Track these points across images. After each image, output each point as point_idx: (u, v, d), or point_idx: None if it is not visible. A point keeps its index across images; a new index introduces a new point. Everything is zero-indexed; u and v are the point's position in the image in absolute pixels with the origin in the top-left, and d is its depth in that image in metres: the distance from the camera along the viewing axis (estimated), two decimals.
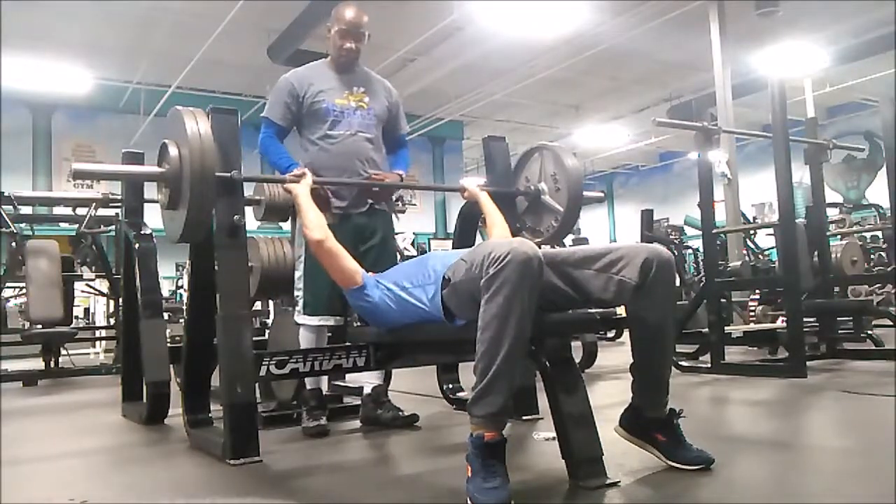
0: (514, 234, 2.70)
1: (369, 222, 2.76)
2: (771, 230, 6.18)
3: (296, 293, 2.75)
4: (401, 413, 2.76)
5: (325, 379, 2.72)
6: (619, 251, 1.84)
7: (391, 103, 2.90)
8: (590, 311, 1.96)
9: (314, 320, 2.66)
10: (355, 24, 2.73)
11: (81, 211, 5.58)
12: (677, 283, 6.38)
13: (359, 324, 2.56)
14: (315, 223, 2.31)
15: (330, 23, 2.77)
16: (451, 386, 3.19)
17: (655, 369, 1.92)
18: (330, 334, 2.74)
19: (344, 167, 2.69)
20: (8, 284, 5.88)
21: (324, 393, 2.84)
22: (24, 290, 5.53)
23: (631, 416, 1.95)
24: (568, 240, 5.61)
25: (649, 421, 1.91)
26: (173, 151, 2.23)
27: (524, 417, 2.64)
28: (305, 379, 2.69)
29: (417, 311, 1.99)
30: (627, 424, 1.95)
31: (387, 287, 2.11)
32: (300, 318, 2.71)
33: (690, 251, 8.10)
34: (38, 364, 5.57)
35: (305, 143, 2.78)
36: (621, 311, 2.00)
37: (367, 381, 2.85)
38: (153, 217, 2.86)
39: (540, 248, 2.74)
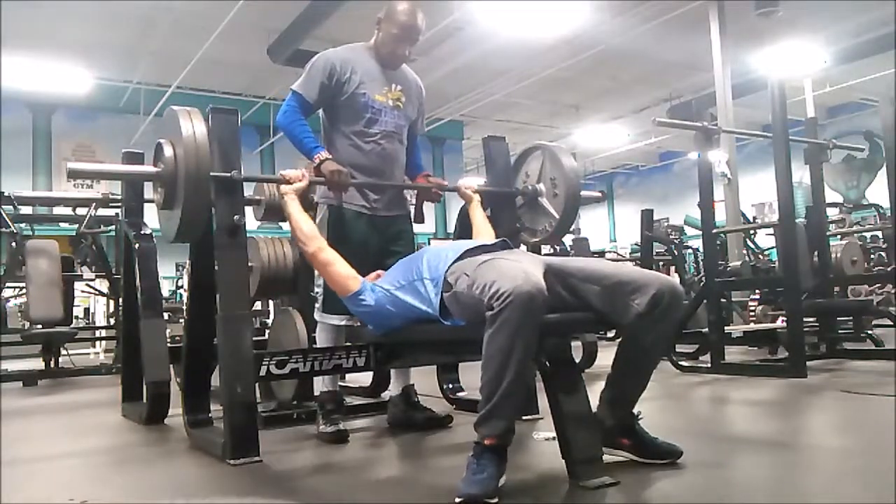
0: (512, 234, 2.71)
1: (394, 226, 2.71)
2: (771, 230, 6.18)
3: (315, 289, 2.64)
4: (434, 414, 2.70)
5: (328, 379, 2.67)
6: (632, 275, 1.85)
7: (421, 104, 2.84)
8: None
9: (335, 319, 2.56)
10: (414, 29, 2.62)
11: (81, 211, 5.59)
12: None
13: (358, 324, 2.55)
14: (307, 235, 2.28)
15: (382, 15, 2.61)
16: (451, 386, 3.19)
17: (631, 389, 1.96)
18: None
19: (378, 168, 2.62)
20: (8, 284, 5.87)
21: (342, 396, 2.76)
22: (24, 290, 5.52)
23: None
24: (568, 239, 5.62)
25: (610, 430, 1.93)
26: (168, 151, 2.22)
27: (524, 417, 2.63)
28: (320, 380, 2.63)
29: (414, 310, 1.99)
30: None
31: (383, 287, 2.11)
32: (319, 315, 2.61)
33: (690, 251, 8.09)
34: (38, 364, 5.56)
35: (335, 135, 2.62)
36: None
37: (395, 380, 2.79)
38: (153, 217, 2.86)
39: (541, 251, 2.74)
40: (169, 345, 3.12)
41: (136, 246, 3.19)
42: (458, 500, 1.60)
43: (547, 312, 1.74)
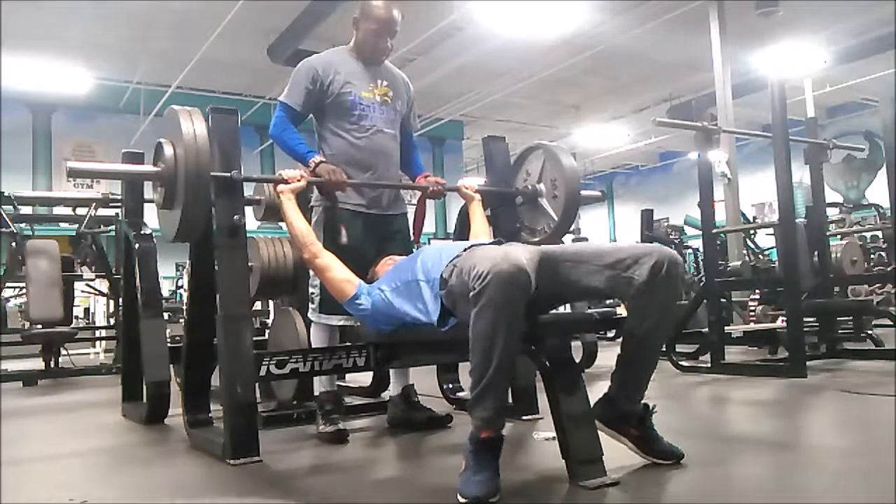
0: (512, 234, 2.71)
1: (391, 225, 2.70)
2: (771, 230, 6.17)
3: (311, 290, 2.65)
4: (434, 414, 2.70)
5: (325, 379, 2.67)
6: (629, 249, 1.86)
7: (409, 99, 2.85)
8: (589, 311, 1.96)
9: (332, 320, 2.56)
10: (391, 22, 2.64)
11: (81, 211, 5.59)
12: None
13: (358, 323, 2.55)
14: (303, 240, 2.30)
15: (357, 15, 2.66)
16: (450, 386, 3.19)
17: (641, 368, 1.95)
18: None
19: (371, 164, 2.63)
20: (8, 284, 5.87)
21: (342, 396, 2.77)
22: (24, 290, 5.52)
23: (606, 407, 1.95)
24: (568, 238, 5.61)
25: (625, 414, 1.93)
26: (168, 151, 2.22)
27: (524, 417, 2.63)
28: (318, 381, 2.63)
29: (408, 316, 2.00)
30: (602, 414, 1.94)
31: (380, 289, 2.11)
32: (315, 315, 2.61)
33: (690, 251, 8.09)
34: (38, 364, 5.56)
35: (327, 134, 2.66)
36: (622, 311, 2.00)
37: (395, 380, 2.79)
38: (153, 217, 2.86)
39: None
40: (169, 345, 3.12)
41: (136, 246, 3.19)
42: (462, 500, 1.60)
43: (546, 300, 1.74)
